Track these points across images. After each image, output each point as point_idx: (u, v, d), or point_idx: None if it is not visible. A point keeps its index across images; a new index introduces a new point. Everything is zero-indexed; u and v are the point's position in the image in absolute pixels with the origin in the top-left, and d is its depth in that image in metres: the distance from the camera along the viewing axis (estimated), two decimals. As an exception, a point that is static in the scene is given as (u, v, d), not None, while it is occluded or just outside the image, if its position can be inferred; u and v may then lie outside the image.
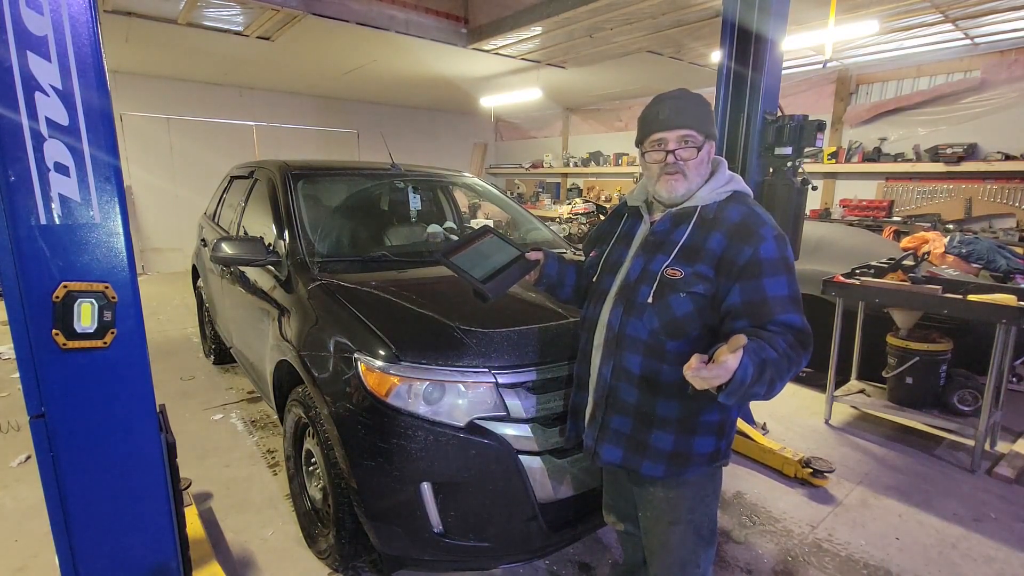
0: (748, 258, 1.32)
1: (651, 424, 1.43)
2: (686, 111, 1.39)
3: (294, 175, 2.93)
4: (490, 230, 1.73)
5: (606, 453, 1.49)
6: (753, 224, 1.35)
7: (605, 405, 1.48)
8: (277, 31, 5.43)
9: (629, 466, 1.48)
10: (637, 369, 1.42)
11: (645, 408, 1.43)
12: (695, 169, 1.41)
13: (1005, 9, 4.64)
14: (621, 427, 1.46)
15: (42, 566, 2.21)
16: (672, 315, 1.37)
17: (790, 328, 1.29)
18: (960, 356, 3.42)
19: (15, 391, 3.89)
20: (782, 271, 1.33)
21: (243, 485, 2.81)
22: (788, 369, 1.23)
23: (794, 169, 2.72)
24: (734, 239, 1.35)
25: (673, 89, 1.45)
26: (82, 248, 1.24)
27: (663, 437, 1.42)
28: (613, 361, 1.46)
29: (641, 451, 1.45)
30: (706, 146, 1.41)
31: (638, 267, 1.46)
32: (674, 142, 1.39)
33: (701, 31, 5.23)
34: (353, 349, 1.88)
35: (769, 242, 1.33)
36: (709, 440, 1.45)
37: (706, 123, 1.41)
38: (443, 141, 11.53)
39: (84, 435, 1.32)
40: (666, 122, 1.39)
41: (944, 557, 2.39)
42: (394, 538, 1.83)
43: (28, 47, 1.13)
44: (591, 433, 1.53)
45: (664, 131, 1.40)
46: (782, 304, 1.30)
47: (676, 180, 1.41)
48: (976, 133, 5.85)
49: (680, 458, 1.43)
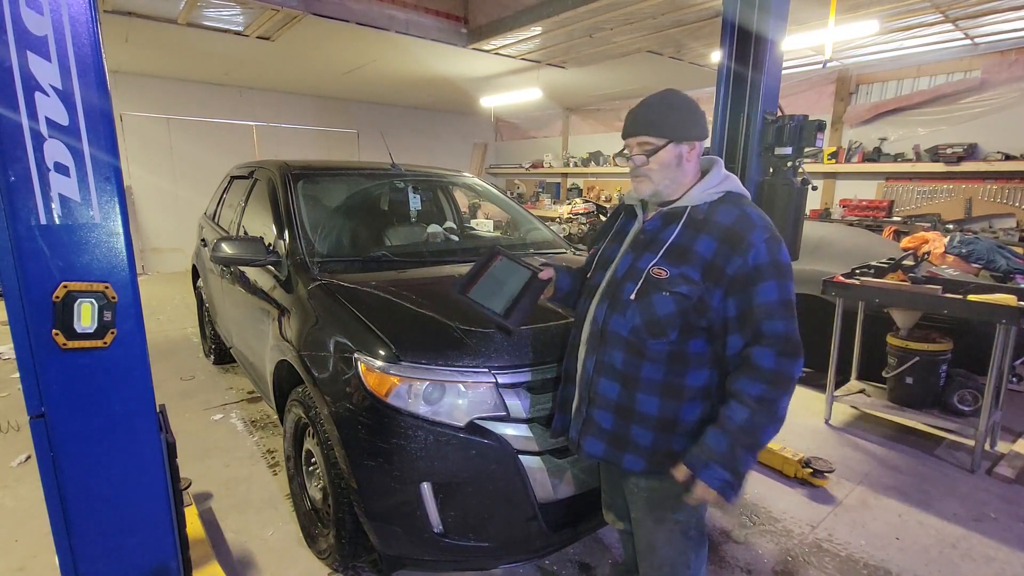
0: (738, 268, 1.33)
1: (630, 419, 1.45)
2: (642, 118, 1.44)
3: (294, 175, 2.93)
4: (499, 251, 1.72)
5: (588, 446, 1.52)
6: (743, 230, 1.34)
7: (588, 399, 1.51)
8: (277, 31, 5.43)
9: (611, 459, 1.50)
10: (619, 365, 1.44)
11: (625, 403, 1.45)
12: (660, 171, 1.43)
13: (1005, 9, 4.64)
14: (603, 421, 1.48)
15: (42, 566, 2.21)
16: (654, 313, 1.38)
17: (770, 338, 1.30)
18: (960, 356, 3.41)
19: (15, 391, 3.89)
20: (772, 275, 1.32)
21: (243, 485, 2.81)
22: (771, 406, 1.31)
23: (794, 169, 2.72)
24: (723, 245, 1.35)
25: (657, 92, 1.48)
26: (82, 248, 1.24)
27: (642, 433, 1.44)
28: (596, 356, 1.48)
29: (622, 445, 1.46)
30: (667, 149, 1.41)
31: (626, 264, 1.48)
32: (634, 148, 1.47)
33: (701, 31, 5.23)
34: (353, 349, 1.88)
35: (759, 247, 1.33)
36: (689, 440, 1.43)
37: (667, 127, 1.42)
38: (443, 141, 11.53)
39: (84, 435, 1.32)
40: (626, 130, 1.48)
41: (944, 557, 2.39)
42: (394, 538, 1.83)
43: (28, 47, 1.13)
44: (575, 426, 1.55)
45: (626, 138, 1.49)
46: (768, 310, 1.31)
47: (640, 183, 1.47)
48: (976, 133, 5.85)
49: (660, 454, 1.45)
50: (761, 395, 1.30)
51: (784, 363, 1.30)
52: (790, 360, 1.31)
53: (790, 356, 1.31)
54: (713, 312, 1.36)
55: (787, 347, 1.31)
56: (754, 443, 1.32)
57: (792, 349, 1.31)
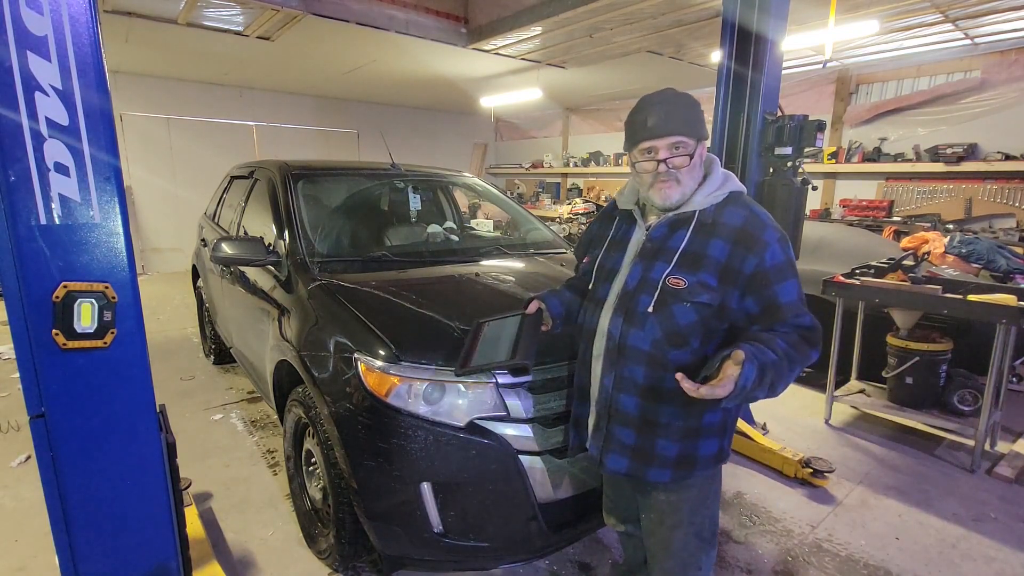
0: (755, 268, 1.32)
1: (655, 433, 1.42)
2: (674, 116, 1.33)
3: (294, 175, 2.92)
4: (481, 322, 1.71)
5: (611, 463, 1.48)
6: (755, 230, 1.34)
7: (608, 415, 1.47)
8: (277, 31, 5.43)
9: (635, 475, 1.47)
10: (640, 379, 1.41)
11: (649, 417, 1.42)
12: (689, 174, 1.37)
13: (1005, 9, 4.64)
14: (625, 437, 1.45)
15: (42, 566, 2.21)
16: (675, 325, 1.36)
17: (801, 329, 1.31)
18: (960, 356, 3.41)
19: (15, 391, 3.89)
20: (790, 275, 1.34)
21: (243, 485, 2.81)
22: (790, 369, 1.24)
23: (794, 169, 2.72)
24: (738, 247, 1.33)
25: (658, 91, 1.39)
26: (82, 248, 1.24)
27: (668, 445, 1.42)
28: (615, 372, 1.44)
29: (647, 460, 1.44)
30: (699, 149, 1.37)
31: (636, 275, 1.43)
32: (665, 150, 1.34)
33: (701, 31, 5.23)
34: (353, 349, 1.88)
35: (774, 247, 1.33)
36: (713, 441, 1.45)
37: (696, 126, 1.36)
38: (443, 141, 11.52)
39: (84, 435, 1.32)
40: (655, 130, 1.33)
41: (944, 557, 2.39)
42: (394, 538, 1.83)
43: (28, 47, 1.13)
44: (595, 443, 1.52)
45: (654, 139, 1.34)
46: (794, 308, 1.33)
47: (669, 187, 1.37)
48: (976, 133, 5.85)
49: (686, 462, 1.43)
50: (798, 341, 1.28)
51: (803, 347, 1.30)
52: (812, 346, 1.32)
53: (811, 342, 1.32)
54: (733, 313, 1.36)
55: (811, 335, 1.33)
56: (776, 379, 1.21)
57: (816, 337, 1.33)
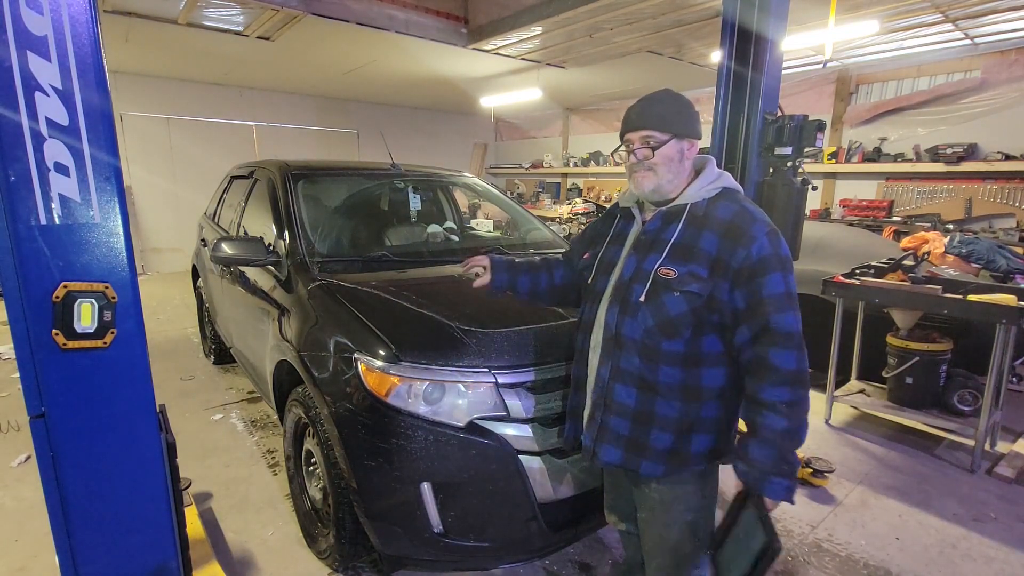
0: (742, 261, 1.33)
1: (650, 424, 1.43)
2: (648, 112, 1.44)
3: (294, 175, 2.92)
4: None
5: (605, 454, 1.50)
6: (744, 223, 1.36)
7: (603, 406, 1.49)
8: (277, 31, 5.43)
9: (628, 466, 1.48)
10: (636, 370, 1.43)
11: (643, 408, 1.43)
12: (665, 167, 1.44)
13: (1005, 9, 4.64)
14: (619, 428, 1.47)
15: (42, 566, 2.21)
16: (666, 314, 1.38)
17: (784, 335, 1.31)
18: (960, 356, 3.41)
19: (15, 391, 3.89)
20: (777, 268, 1.34)
21: (243, 485, 2.81)
22: (802, 405, 1.33)
23: (794, 169, 2.71)
24: (726, 239, 1.36)
25: (653, 91, 1.48)
26: (82, 248, 1.24)
27: (661, 437, 1.43)
28: (611, 362, 1.46)
29: (640, 451, 1.45)
30: (671, 144, 1.43)
31: (631, 266, 1.47)
32: (637, 142, 1.45)
33: (701, 31, 5.23)
34: (353, 349, 1.88)
35: (761, 240, 1.34)
36: (707, 437, 1.45)
37: (672, 122, 1.43)
38: (443, 141, 11.52)
39: (84, 435, 1.31)
40: (629, 124, 1.47)
41: (944, 557, 2.39)
42: (394, 538, 1.83)
43: (28, 47, 1.13)
44: (590, 434, 1.53)
45: (628, 132, 1.48)
46: (777, 303, 1.32)
47: (642, 176, 1.46)
48: (976, 133, 5.85)
49: (679, 456, 1.44)
50: (791, 399, 1.32)
51: (802, 360, 1.33)
52: (804, 355, 1.34)
53: (803, 350, 1.34)
54: (723, 306, 1.37)
55: (800, 342, 1.34)
56: (797, 442, 1.34)
57: (799, 342, 1.34)
